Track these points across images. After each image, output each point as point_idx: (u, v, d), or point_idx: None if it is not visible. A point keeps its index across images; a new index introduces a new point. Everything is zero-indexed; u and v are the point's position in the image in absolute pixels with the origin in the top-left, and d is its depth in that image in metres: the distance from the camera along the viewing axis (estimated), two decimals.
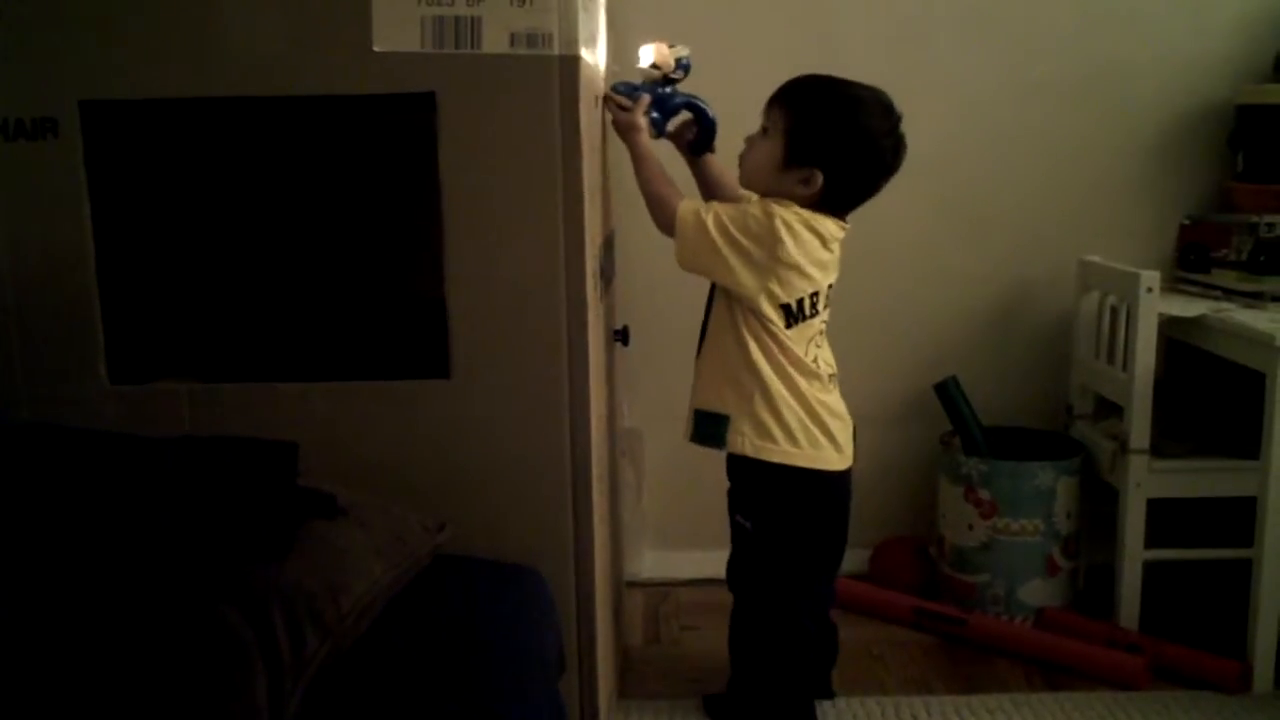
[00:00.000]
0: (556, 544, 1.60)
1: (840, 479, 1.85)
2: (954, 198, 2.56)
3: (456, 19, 1.49)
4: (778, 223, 1.71)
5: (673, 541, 2.64)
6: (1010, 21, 2.50)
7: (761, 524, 1.84)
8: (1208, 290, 2.40)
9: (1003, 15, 2.50)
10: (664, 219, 1.78)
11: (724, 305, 1.81)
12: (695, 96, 1.90)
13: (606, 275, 1.91)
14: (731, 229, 1.73)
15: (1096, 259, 2.44)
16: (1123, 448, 2.25)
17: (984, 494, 2.34)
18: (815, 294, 1.77)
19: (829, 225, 1.76)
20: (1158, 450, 2.25)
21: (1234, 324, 2.15)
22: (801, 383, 1.77)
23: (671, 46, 1.85)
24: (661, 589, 2.61)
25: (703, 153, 1.95)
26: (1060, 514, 2.34)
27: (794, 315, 1.76)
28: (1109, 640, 2.23)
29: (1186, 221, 2.49)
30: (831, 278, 1.80)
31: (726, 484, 1.89)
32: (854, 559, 2.49)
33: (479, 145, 1.52)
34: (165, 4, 1.52)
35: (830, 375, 1.83)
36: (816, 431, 1.79)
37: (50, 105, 1.53)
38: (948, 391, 2.44)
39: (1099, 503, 2.37)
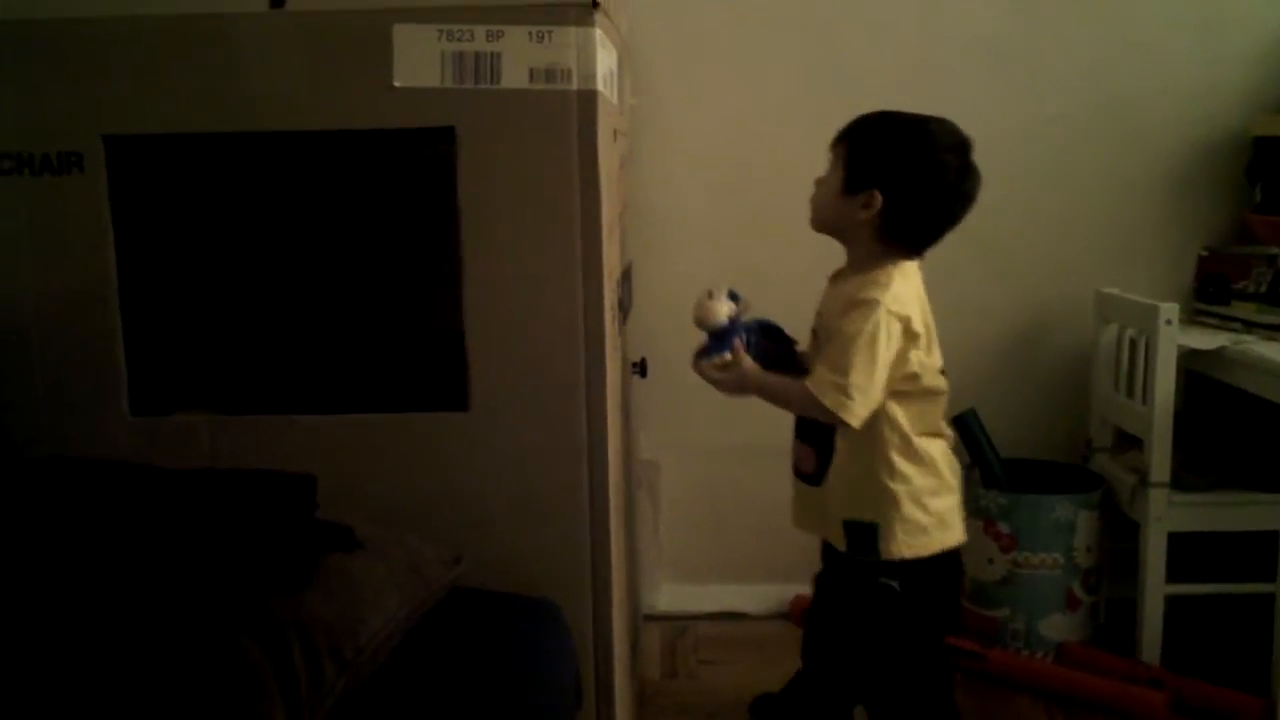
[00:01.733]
0: (574, 577, 1.60)
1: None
2: (971, 231, 2.54)
3: (476, 54, 1.51)
4: (880, 311, 1.63)
5: (691, 574, 2.63)
6: (1023, 57, 2.51)
7: (910, 588, 1.71)
8: (1227, 322, 2.39)
9: (1015, 51, 2.51)
10: (820, 412, 1.65)
11: None
12: (758, 319, 1.79)
13: (624, 307, 1.91)
14: (857, 357, 1.62)
15: (1115, 291, 2.44)
16: (1143, 481, 2.23)
17: (1003, 527, 2.33)
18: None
19: (911, 271, 1.73)
20: (1178, 484, 2.23)
21: (1254, 356, 2.14)
22: (940, 465, 1.70)
23: (710, 296, 1.74)
24: (679, 622, 2.60)
25: (791, 369, 1.77)
26: (1080, 548, 2.32)
27: (944, 371, 1.73)
28: (1130, 676, 2.20)
29: (1205, 253, 2.49)
30: None
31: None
32: None
33: (498, 178, 1.54)
34: (188, 39, 1.54)
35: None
36: (957, 512, 1.73)
37: (75, 140, 1.55)
38: (966, 424, 2.44)
39: (1120, 536, 2.36)
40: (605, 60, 1.60)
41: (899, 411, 1.67)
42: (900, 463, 1.67)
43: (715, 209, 2.13)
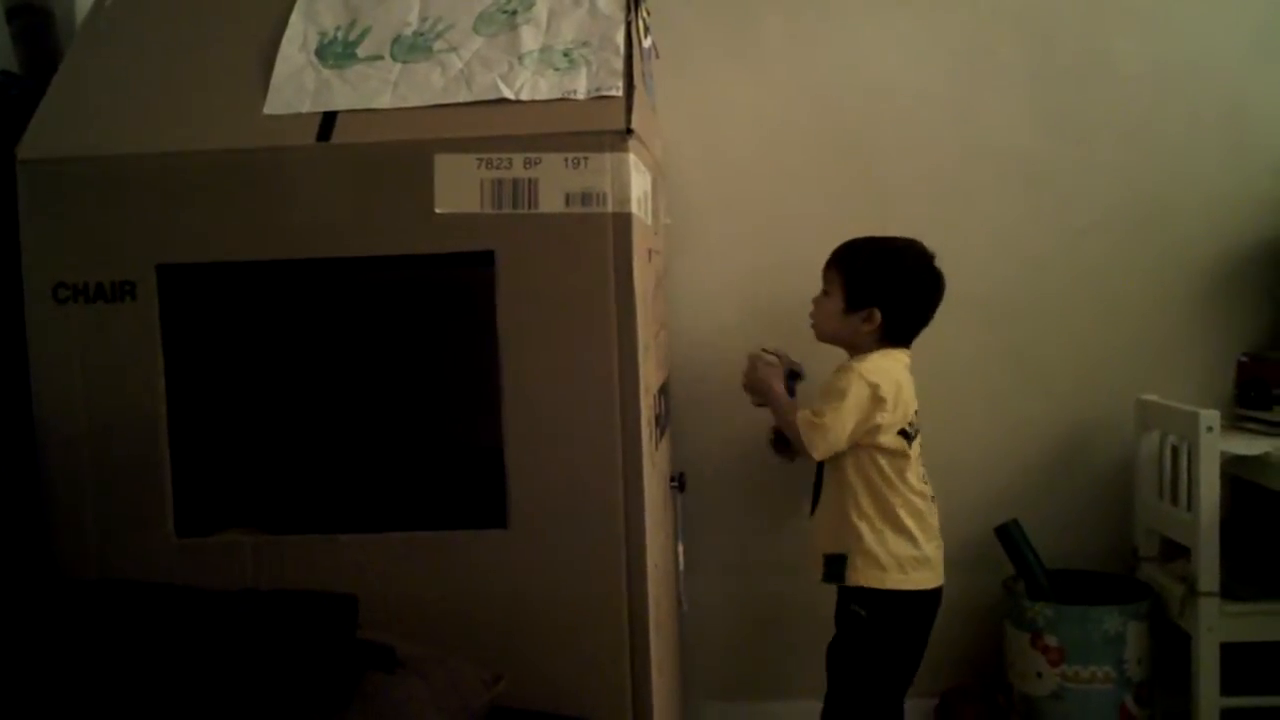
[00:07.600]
0: (614, 695, 1.59)
1: (934, 596, 2.07)
2: (1008, 341, 2.57)
3: (515, 181, 1.56)
4: (855, 376, 2.00)
5: (733, 692, 2.59)
6: (1052, 168, 2.54)
7: (874, 618, 2.03)
8: (1270, 427, 2.36)
9: (1045, 163, 2.53)
10: (798, 439, 2.06)
11: (833, 466, 2.07)
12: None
13: (662, 423, 1.93)
14: (832, 403, 2.01)
15: (1154, 398, 2.43)
16: (1191, 590, 2.19)
17: (1051, 640, 2.28)
18: (912, 419, 2.06)
19: (895, 354, 2.06)
20: (1229, 592, 2.19)
21: None
22: (904, 517, 2.02)
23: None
24: None
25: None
26: (1131, 660, 2.27)
27: (910, 435, 2.04)
28: None
29: (1244, 359, 2.48)
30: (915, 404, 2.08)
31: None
32: (920, 709, 2.43)
33: (536, 299, 1.57)
34: (238, 172, 1.60)
35: (932, 496, 2.07)
36: (916, 558, 2.02)
37: (129, 270, 1.60)
38: (1010, 534, 2.41)
39: (1171, 648, 2.31)
40: (639, 183, 1.64)
41: (870, 464, 2.02)
42: (868, 506, 2.02)
43: (750, 326, 2.16)
